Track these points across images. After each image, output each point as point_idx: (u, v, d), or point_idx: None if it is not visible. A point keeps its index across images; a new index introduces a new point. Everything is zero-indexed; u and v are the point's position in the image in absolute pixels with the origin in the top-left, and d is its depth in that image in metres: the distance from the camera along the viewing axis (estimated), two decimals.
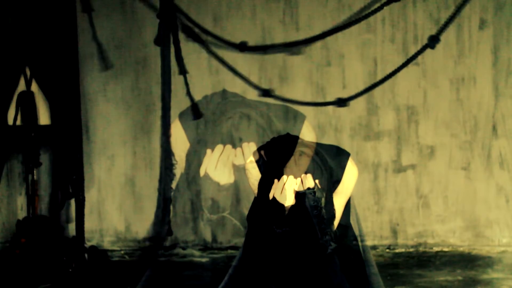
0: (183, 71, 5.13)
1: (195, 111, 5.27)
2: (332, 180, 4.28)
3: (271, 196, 4.14)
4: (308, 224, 4.15)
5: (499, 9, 5.91)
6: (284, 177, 4.14)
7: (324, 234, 4.16)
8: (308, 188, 4.15)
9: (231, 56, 5.98)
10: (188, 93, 5.41)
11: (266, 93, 5.13)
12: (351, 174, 4.33)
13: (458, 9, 4.97)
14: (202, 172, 4.64)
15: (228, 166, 4.72)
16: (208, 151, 4.66)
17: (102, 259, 5.80)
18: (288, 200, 4.11)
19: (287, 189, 4.12)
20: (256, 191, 4.36)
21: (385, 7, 5.92)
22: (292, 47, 5.76)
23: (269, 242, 4.20)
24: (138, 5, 6.01)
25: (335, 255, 4.21)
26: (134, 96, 6.11)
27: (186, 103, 6.04)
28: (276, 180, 4.15)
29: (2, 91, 5.60)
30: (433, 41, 4.97)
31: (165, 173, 4.88)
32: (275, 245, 4.19)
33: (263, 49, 5.90)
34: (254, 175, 4.39)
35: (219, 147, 4.80)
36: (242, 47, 5.53)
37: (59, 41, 5.65)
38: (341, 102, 4.67)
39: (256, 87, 5.20)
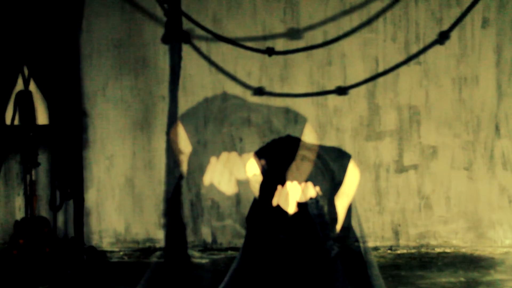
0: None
1: (261, 91, 5.19)
2: (334, 183, 4.26)
3: (274, 203, 4.11)
4: (312, 230, 4.13)
5: (502, 8, 5.89)
6: (288, 183, 4.11)
7: (327, 239, 4.14)
8: (311, 198, 4.13)
9: (232, 55, 5.98)
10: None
11: (259, 91, 5.13)
12: (353, 176, 4.31)
13: (472, 5, 4.94)
14: (206, 181, 4.57)
15: (234, 176, 4.64)
16: (213, 159, 4.57)
17: (101, 260, 5.79)
18: (292, 208, 4.08)
19: (290, 197, 4.09)
20: (256, 192, 4.34)
21: (386, 6, 5.93)
22: (318, 48, 5.76)
23: (271, 247, 4.18)
24: (138, 4, 5.99)
25: (338, 259, 4.19)
26: (134, 96, 6.09)
27: (187, 104, 6.04)
28: (280, 187, 4.11)
29: (0, 90, 5.58)
30: (443, 38, 4.97)
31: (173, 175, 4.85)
32: (278, 250, 4.17)
33: (290, 52, 5.88)
34: (254, 177, 4.37)
35: (224, 155, 4.68)
36: (270, 52, 5.55)
37: (58, 40, 5.64)
38: (341, 91, 4.65)
39: (248, 86, 5.21)
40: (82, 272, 5.52)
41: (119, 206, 6.14)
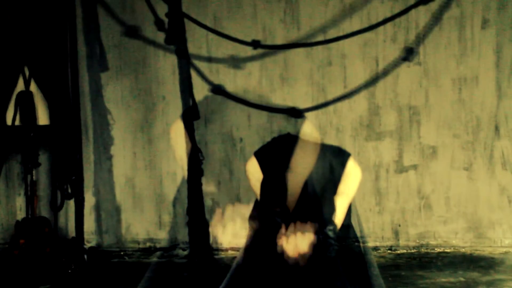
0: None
1: (195, 112, 5.23)
2: (333, 181, 4.26)
3: (279, 250, 4.08)
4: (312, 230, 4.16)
5: (502, 8, 5.89)
6: (291, 229, 4.09)
7: (329, 246, 4.14)
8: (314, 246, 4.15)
9: (232, 55, 5.97)
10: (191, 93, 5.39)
11: (217, 89, 5.13)
12: (353, 174, 4.31)
13: (437, 19, 5.03)
14: (215, 234, 4.51)
15: (238, 230, 4.54)
16: (218, 212, 4.51)
17: (102, 260, 5.79)
18: (297, 254, 4.07)
19: (295, 245, 4.08)
20: (257, 191, 4.34)
21: (387, 6, 5.93)
22: (307, 47, 5.77)
23: (272, 247, 4.19)
24: (138, 5, 5.99)
25: (338, 259, 4.19)
26: (134, 96, 6.09)
27: (187, 104, 6.03)
28: (283, 230, 4.08)
29: (1, 91, 5.58)
30: (411, 54, 5.01)
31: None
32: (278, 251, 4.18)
33: (277, 47, 5.88)
34: (255, 176, 4.37)
35: (229, 209, 4.57)
36: (256, 45, 5.54)
37: (58, 41, 5.64)
38: (295, 112, 4.65)
39: (208, 82, 5.20)
40: (83, 272, 5.52)
41: (120, 206, 6.14)
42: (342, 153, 4.36)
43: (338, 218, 4.23)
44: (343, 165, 4.28)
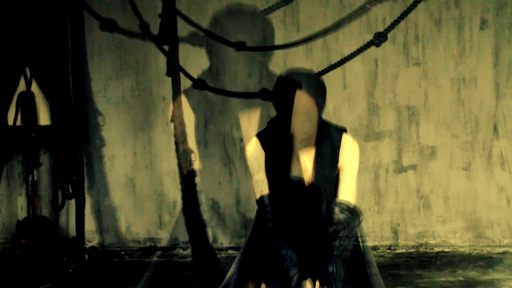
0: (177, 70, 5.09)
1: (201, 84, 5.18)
2: (334, 159, 4.28)
3: None
4: (312, 229, 4.18)
5: (500, 9, 5.91)
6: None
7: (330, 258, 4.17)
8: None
9: (232, 56, 5.99)
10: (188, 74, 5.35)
11: (200, 84, 5.12)
12: (350, 148, 4.32)
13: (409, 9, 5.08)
14: None
15: None
16: None
17: (102, 260, 5.81)
18: None
19: None
20: (254, 170, 4.33)
21: (386, 6, 5.94)
22: (289, 48, 5.79)
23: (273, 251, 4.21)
24: (138, 5, 6.00)
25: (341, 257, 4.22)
26: (134, 97, 6.11)
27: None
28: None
29: (2, 91, 5.60)
30: (379, 38, 5.05)
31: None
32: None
33: (260, 49, 5.89)
34: (254, 155, 4.36)
35: None
36: (240, 47, 5.55)
37: (59, 41, 5.65)
38: (265, 94, 4.66)
39: (190, 78, 5.20)
40: (84, 271, 5.54)
41: (120, 206, 6.16)
42: (338, 128, 4.38)
43: (347, 195, 4.24)
44: (339, 139, 4.31)
